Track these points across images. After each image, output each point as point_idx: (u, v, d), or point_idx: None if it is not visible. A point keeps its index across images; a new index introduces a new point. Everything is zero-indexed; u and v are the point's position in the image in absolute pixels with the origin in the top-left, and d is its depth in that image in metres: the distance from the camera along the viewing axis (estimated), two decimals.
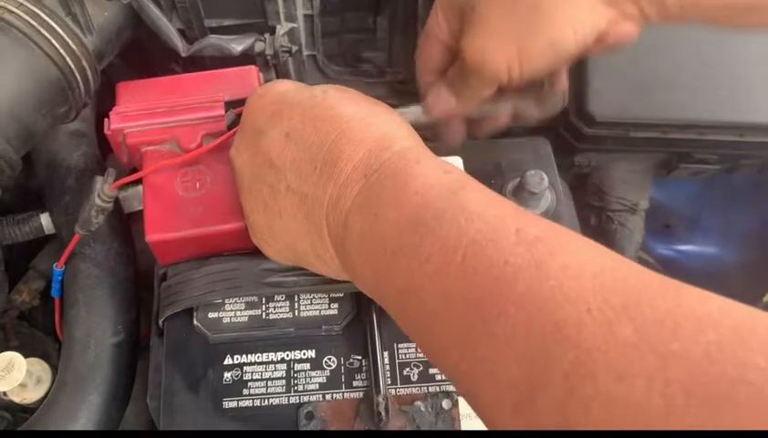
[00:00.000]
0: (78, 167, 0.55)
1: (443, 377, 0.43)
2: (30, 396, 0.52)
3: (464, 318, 0.26)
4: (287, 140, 0.36)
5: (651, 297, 0.22)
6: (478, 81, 0.42)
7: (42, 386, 0.52)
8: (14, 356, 0.50)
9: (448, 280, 0.27)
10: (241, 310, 0.44)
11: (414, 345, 0.44)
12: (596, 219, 0.59)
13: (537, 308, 0.24)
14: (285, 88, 0.39)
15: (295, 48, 0.56)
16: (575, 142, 0.53)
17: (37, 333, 0.63)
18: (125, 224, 0.55)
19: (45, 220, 0.57)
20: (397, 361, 0.44)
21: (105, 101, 0.54)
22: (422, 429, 0.41)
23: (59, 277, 0.52)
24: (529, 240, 0.26)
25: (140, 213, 0.54)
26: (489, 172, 0.49)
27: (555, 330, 0.23)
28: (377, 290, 0.34)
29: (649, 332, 0.21)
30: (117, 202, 0.54)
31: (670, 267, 0.65)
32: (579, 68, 0.52)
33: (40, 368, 0.53)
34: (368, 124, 0.35)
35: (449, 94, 0.45)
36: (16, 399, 0.52)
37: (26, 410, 0.53)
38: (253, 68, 0.48)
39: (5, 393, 0.52)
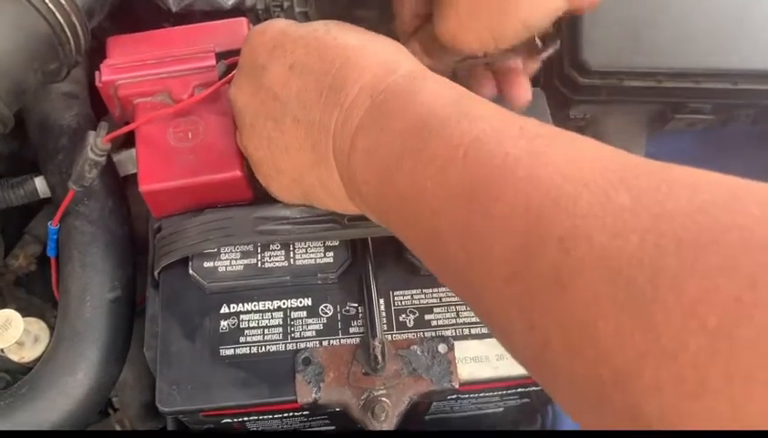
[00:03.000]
0: (71, 127, 0.55)
1: (439, 322, 0.43)
2: (28, 354, 0.52)
3: (465, 208, 0.27)
4: (291, 71, 0.36)
5: (648, 170, 0.23)
6: (451, 53, 0.43)
7: (40, 345, 0.53)
8: (11, 313, 0.50)
9: (450, 177, 0.28)
10: (236, 259, 0.44)
11: (410, 292, 0.44)
12: None
13: (535, 188, 0.24)
14: (285, 24, 0.39)
15: (287, 4, 0.55)
16: (569, 93, 0.53)
17: (35, 299, 0.63)
18: (119, 183, 0.54)
19: (39, 184, 0.57)
20: (393, 308, 0.44)
21: (96, 64, 0.54)
22: (418, 371, 0.41)
23: (54, 236, 0.51)
24: (530, 136, 0.27)
25: (135, 176, 0.54)
26: None
27: (553, 204, 0.23)
28: (380, 204, 0.34)
29: (645, 197, 0.22)
30: (111, 162, 0.54)
31: None
32: (572, 18, 0.51)
33: (38, 327, 0.53)
34: (371, 51, 0.36)
35: (422, 54, 0.44)
36: (14, 357, 0.52)
37: (26, 371, 0.53)
38: (243, 20, 0.48)
39: (2, 351, 0.52)
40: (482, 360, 0.42)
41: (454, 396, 0.46)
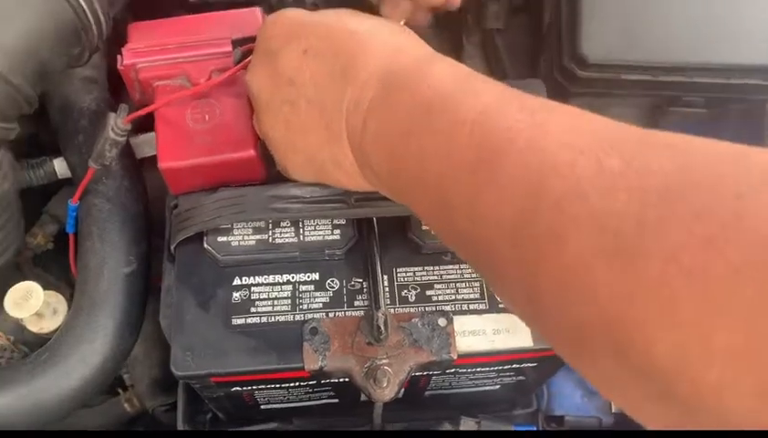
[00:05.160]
0: (91, 109, 0.57)
1: (440, 298, 0.46)
2: (47, 325, 0.55)
3: (470, 179, 0.29)
4: (305, 56, 0.39)
5: (637, 136, 0.25)
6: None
7: (58, 317, 0.55)
8: (32, 285, 0.53)
9: (455, 150, 0.30)
10: (249, 235, 0.46)
11: (413, 269, 0.47)
12: None
13: (535, 156, 0.27)
14: (298, 12, 0.42)
15: None
16: (568, 85, 0.55)
17: (50, 277, 0.66)
18: (135, 164, 0.57)
19: (58, 165, 0.60)
20: (396, 284, 0.46)
21: (115, 51, 0.56)
22: (419, 342, 0.43)
23: (74, 213, 0.54)
24: (530, 109, 0.29)
25: (151, 159, 0.57)
26: None
27: (551, 170, 0.26)
28: (390, 180, 0.36)
29: (633, 160, 0.24)
30: (128, 144, 0.56)
31: None
32: (572, 11, 0.54)
33: (56, 299, 0.55)
34: (380, 36, 0.38)
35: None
36: (34, 328, 0.55)
37: (43, 343, 0.55)
38: (257, 9, 0.50)
39: (21, 322, 0.54)
40: (479, 334, 0.45)
41: (452, 371, 0.49)
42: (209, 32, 0.49)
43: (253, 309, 0.45)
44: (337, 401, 0.54)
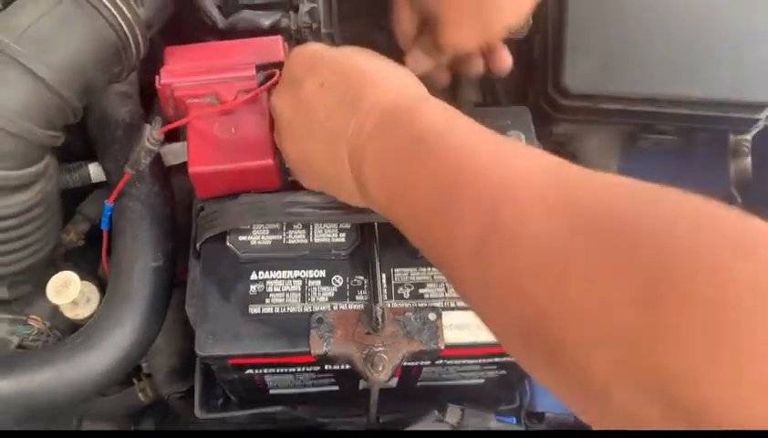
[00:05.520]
0: (126, 121, 0.64)
1: (431, 296, 0.52)
2: (81, 312, 0.61)
3: (444, 200, 0.36)
4: (321, 88, 0.46)
5: (576, 174, 0.32)
6: (449, 54, 0.54)
7: (91, 305, 0.62)
8: (70, 274, 0.59)
9: (435, 178, 0.37)
10: (265, 235, 0.53)
11: (408, 270, 0.53)
12: None
13: (497, 185, 0.34)
14: (320, 48, 0.49)
15: (315, 26, 0.64)
16: (552, 112, 0.62)
17: (80, 272, 0.72)
18: (164, 171, 0.63)
19: (92, 169, 0.66)
20: (393, 282, 0.52)
21: (145, 69, 0.63)
22: (411, 334, 0.50)
23: (109, 212, 0.60)
24: (499, 148, 0.36)
25: (176, 168, 0.63)
26: None
27: (504, 198, 0.33)
28: (382, 200, 0.42)
29: (568, 194, 0.31)
30: (158, 154, 0.63)
31: None
32: (557, 47, 0.61)
33: (89, 289, 0.62)
34: (386, 75, 0.45)
35: (425, 58, 0.55)
36: (69, 314, 0.61)
37: (75, 329, 0.62)
38: (279, 38, 0.57)
39: (59, 308, 0.61)
40: (465, 328, 0.51)
41: (441, 362, 0.55)
42: (236, 57, 0.55)
43: (267, 300, 0.51)
44: (337, 388, 0.60)
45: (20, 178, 0.53)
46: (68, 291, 0.58)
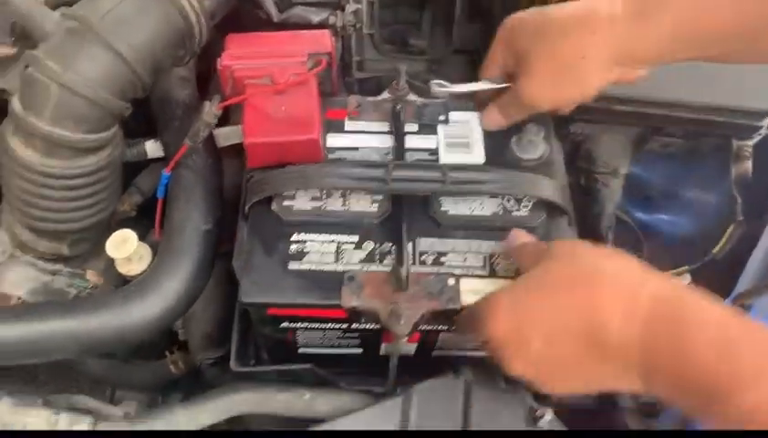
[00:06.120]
0: (185, 102, 0.72)
1: (451, 264, 0.58)
2: (134, 268, 0.68)
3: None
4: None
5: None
6: (526, 111, 0.61)
7: (142, 262, 0.68)
8: (127, 231, 0.66)
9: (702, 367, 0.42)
10: (307, 201, 0.59)
11: (432, 240, 0.59)
12: (584, 179, 0.73)
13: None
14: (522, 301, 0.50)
15: (358, 25, 0.72)
16: (570, 113, 0.68)
17: None
18: (216, 149, 0.70)
19: (149, 146, 0.74)
20: (417, 250, 0.59)
21: (202, 58, 0.71)
22: (432, 294, 0.55)
23: (166, 181, 0.67)
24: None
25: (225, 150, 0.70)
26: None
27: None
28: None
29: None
30: (211, 134, 0.70)
31: (646, 230, 0.80)
32: None
33: (143, 249, 0.69)
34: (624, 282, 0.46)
35: (499, 115, 0.62)
36: (123, 270, 0.68)
37: (125, 285, 0.68)
38: (326, 32, 0.65)
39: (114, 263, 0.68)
40: (480, 293, 0.56)
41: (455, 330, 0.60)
42: (289, 45, 0.63)
43: (305, 259, 0.57)
44: (360, 351, 0.66)
45: (94, 141, 0.60)
46: (126, 246, 0.65)
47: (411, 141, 0.63)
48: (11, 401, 0.60)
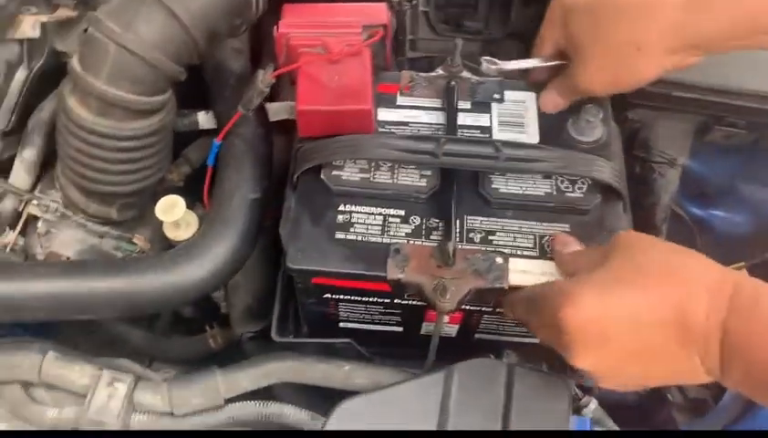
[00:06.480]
0: (237, 72, 0.72)
1: (500, 243, 0.57)
2: (181, 234, 0.68)
3: None
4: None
5: None
6: (581, 94, 0.60)
7: (190, 229, 0.69)
8: (176, 197, 0.66)
9: None
10: (355, 172, 0.59)
11: (480, 218, 0.58)
12: (640, 168, 0.71)
13: None
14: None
15: (414, 2, 0.71)
16: (628, 96, 0.66)
17: None
18: (267, 122, 0.70)
19: (201, 117, 0.75)
20: (465, 227, 0.58)
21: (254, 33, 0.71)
22: (479, 272, 0.54)
23: (216, 149, 0.68)
24: None
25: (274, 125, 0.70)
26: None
27: None
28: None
29: None
30: (262, 106, 0.70)
31: (702, 226, 0.77)
32: None
33: (190, 216, 0.69)
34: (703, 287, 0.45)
35: (557, 96, 0.61)
36: (170, 235, 0.69)
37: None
38: (383, 5, 0.64)
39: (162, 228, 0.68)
40: (529, 274, 0.55)
41: (500, 312, 0.59)
42: (344, 16, 0.62)
43: (351, 229, 0.57)
44: (401, 329, 0.65)
45: (147, 104, 0.61)
46: (174, 211, 0.65)
47: (464, 119, 0.62)
48: (55, 355, 0.61)
